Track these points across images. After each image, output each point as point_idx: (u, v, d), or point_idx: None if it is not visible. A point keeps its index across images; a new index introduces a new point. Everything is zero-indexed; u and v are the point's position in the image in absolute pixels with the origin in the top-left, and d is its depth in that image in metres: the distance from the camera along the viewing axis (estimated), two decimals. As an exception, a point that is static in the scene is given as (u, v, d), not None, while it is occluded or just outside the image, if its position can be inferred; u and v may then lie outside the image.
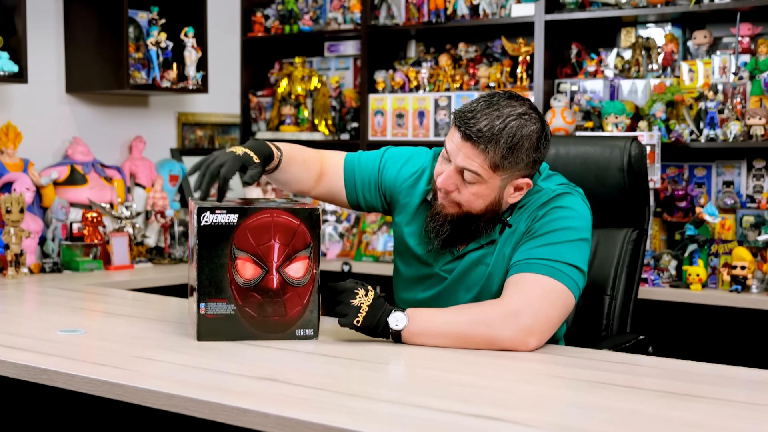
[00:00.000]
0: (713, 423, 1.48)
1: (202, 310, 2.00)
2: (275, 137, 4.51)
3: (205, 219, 1.98)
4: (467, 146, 1.97)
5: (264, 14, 4.60)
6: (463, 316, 1.95)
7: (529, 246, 2.01)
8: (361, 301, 1.95)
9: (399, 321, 1.95)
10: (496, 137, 1.94)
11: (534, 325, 1.92)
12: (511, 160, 1.97)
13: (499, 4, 4.01)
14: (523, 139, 1.96)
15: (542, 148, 2.01)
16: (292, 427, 1.47)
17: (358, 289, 1.96)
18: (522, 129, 1.96)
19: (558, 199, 2.05)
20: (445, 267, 2.14)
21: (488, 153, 1.95)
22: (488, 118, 1.95)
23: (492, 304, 1.96)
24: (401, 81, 4.28)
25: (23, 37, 3.40)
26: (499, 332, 1.91)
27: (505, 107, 1.98)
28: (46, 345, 2.02)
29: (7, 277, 3.26)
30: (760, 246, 3.44)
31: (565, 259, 1.97)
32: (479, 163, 1.97)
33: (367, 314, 1.94)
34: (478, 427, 1.44)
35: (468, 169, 1.98)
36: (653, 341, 2.47)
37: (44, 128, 3.79)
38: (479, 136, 1.95)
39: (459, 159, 1.99)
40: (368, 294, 1.96)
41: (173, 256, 3.91)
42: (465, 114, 1.98)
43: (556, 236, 1.99)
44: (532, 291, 1.94)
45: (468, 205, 2.03)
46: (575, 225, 2.01)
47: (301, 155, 2.19)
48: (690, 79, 3.70)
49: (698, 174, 3.78)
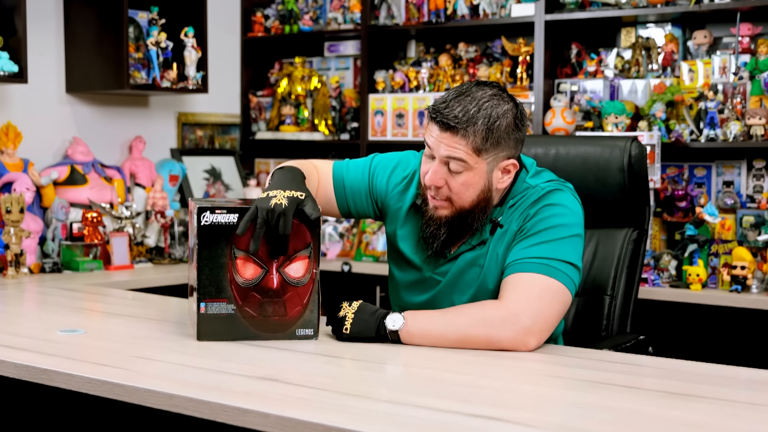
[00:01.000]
0: (713, 423, 1.48)
1: (202, 310, 2.00)
2: (275, 137, 4.52)
3: (205, 219, 1.98)
4: (447, 136, 1.99)
5: (264, 14, 4.60)
6: (462, 317, 1.96)
7: (523, 245, 2.01)
8: (345, 312, 2.00)
9: (396, 322, 1.96)
10: (473, 120, 1.97)
11: (533, 326, 1.92)
12: (492, 140, 1.99)
13: (499, 4, 4.01)
14: (500, 118, 1.99)
15: (521, 126, 2.04)
16: (292, 427, 1.47)
17: (342, 303, 2.02)
18: (496, 108, 1.99)
19: (548, 197, 2.05)
20: (438, 270, 2.15)
21: (469, 137, 1.98)
22: (461, 104, 1.99)
23: (491, 305, 1.96)
24: (401, 81, 4.28)
25: (23, 37, 3.40)
26: (498, 333, 1.91)
27: (476, 92, 2.01)
28: (46, 345, 2.02)
29: (7, 277, 3.26)
30: (760, 246, 3.44)
31: (559, 256, 1.98)
32: (463, 149, 1.98)
33: (354, 320, 1.98)
34: (478, 427, 1.44)
35: (453, 157, 1.99)
36: (653, 341, 2.47)
37: (44, 128, 3.79)
38: (456, 122, 1.97)
39: (442, 150, 2.00)
40: (352, 304, 2.01)
41: (173, 256, 3.91)
42: (438, 106, 2.01)
43: (550, 234, 2.00)
44: (531, 291, 1.94)
45: (459, 198, 2.03)
46: (567, 221, 2.02)
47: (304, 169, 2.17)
48: (690, 79, 3.70)
49: (698, 174, 3.78)
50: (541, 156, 2.52)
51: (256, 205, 1.94)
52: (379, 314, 1.98)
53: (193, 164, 4.35)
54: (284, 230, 1.93)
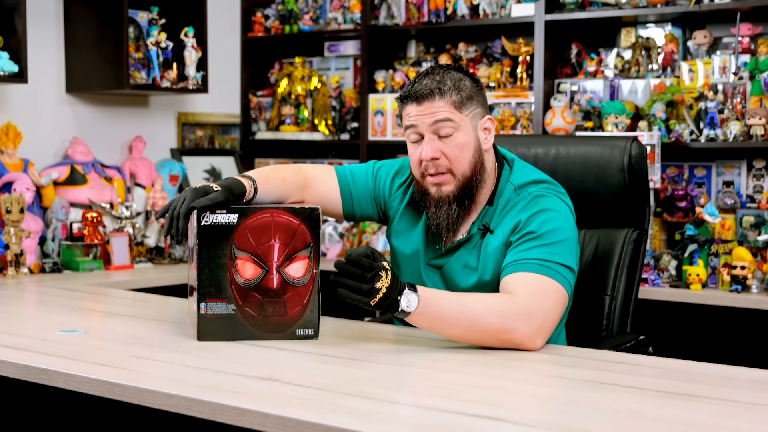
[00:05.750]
0: (713, 423, 1.48)
1: (202, 310, 2.00)
2: (275, 137, 4.52)
3: (205, 219, 1.98)
4: (426, 105, 2.08)
5: (264, 14, 4.60)
6: (478, 304, 1.92)
7: (522, 248, 2.02)
8: (383, 284, 1.86)
9: (411, 303, 1.88)
10: (443, 83, 2.08)
11: (543, 326, 1.94)
12: (465, 96, 2.09)
13: (499, 4, 4.01)
14: (462, 79, 2.11)
15: (481, 87, 2.16)
16: (292, 427, 1.47)
17: (382, 272, 1.86)
18: (455, 74, 2.11)
19: (538, 203, 2.07)
20: (432, 262, 2.18)
21: (445, 97, 2.07)
22: (426, 79, 2.10)
23: (504, 297, 1.95)
24: (401, 81, 4.28)
25: (23, 37, 3.40)
26: (512, 326, 1.90)
27: (434, 68, 2.13)
28: (46, 345, 2.02)
29: (7, 277, 3.26)
30: (760, 246, 3.44)
31: (558, 259, 1.99)
32: (445, 109, 2.07)
33: (383, 296, 1.86)
34: (478, 427, 1.44)
35: (439, 119, 2.06)
36: (653, 341, 2.47)
37: (44, 128, 3.79)
38: (430, 89, 2.07)
39: (427, 120, 2.07)
40: (388, 275, 1.87)
41: (173, 256, 3.91)
42: (407, 89, 2.11)
43: (545, 238, 2.01)
44: (538, 290, 1.95)
45: (459, 164, 2.08)
46: (559, 225, 2.04)
47: (278, 174, 2.17)
48: (690, 79, 3.70)
49: (698, 174, 3.78)
50: (542, 156, 2.52)
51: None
52: (398, 290, 1.88)
53: (193, 164, 4.35)
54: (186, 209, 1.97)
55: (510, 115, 3.94)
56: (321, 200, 2.23)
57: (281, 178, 2.16)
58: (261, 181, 2.10)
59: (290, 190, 2.18)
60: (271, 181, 2.14)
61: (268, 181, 2.12)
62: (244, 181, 2.06)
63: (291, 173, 2.20)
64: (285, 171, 2.20)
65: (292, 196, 2.18)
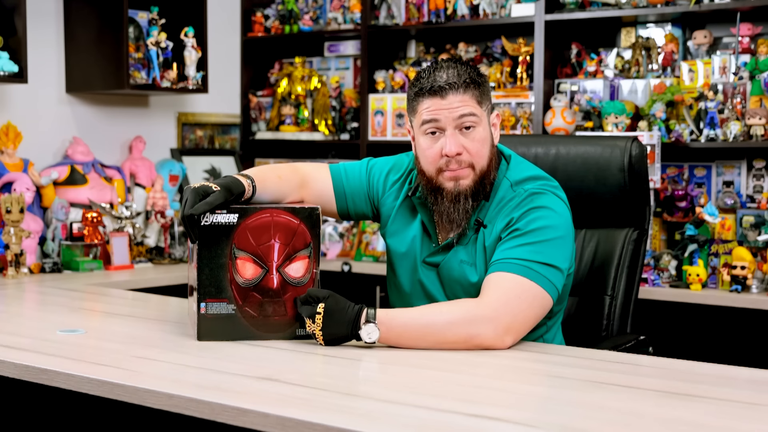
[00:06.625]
0: (713, 423, 1.48)
1: (202, 310, 2.00)
2: (275, 137, 4.52)
3: (205, 219, 1.98)
4: (450, 98, 2.04)
5: (264, 14, 4.60)
6: (441, 316, 1.95)
7: (508, 246, 2.02)
8: (312, 329, 1.94)
9: (371, 334, 1.92)
10: (461, 76, 2.05)
11: (512, 324, 1.93)
12: (482, 90, 2.08)
13: (499, 4, 4.01)
14: (480, 74, 2.09)
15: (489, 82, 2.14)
16: (292, 427, 1.47)
17: (308, 319, 1.95)
18: (470, 67, 2.09)
19: (533, 200, 2.07)
20: (428, 260, 2.18)
21: (469, 91, 2.05)
22: (441, 72, 2.06)
23: (469, 303, 1.97)
24: (401, 81, 4.28)
25: (23, 37, 3.40)
26: (476, 331, 1.91)
27: (447, 61, 2.09)
28: (46, 345, 2.02)
29: (7, 277, 3.26)
30: (760, 246, 3.44)
31: (542, 259, 1.99)
32: (470, 102, 2.05)
33: (328, 339, 1.93)
34: (477, 427, 1.44)
35: (465, 114, 2.04)
36: (653, 341, 2.47)
37: (44, 128, 3.79)
38: (452, 82, 2.04)
39: (452, 114, 2.04)
40: (316, 319, 1.93)
41: (173, 256, 3.91)
42: (424, 83, 2.06)
43: (534, 236, 2.01)
44: (511, 291, 1.96)
45: (480, 158, 2.07)
46: (552, 223, 2.03)
47: (275, 173, 2.18)
48: (690, 79, 3.70)
49: (698, 174, 3.78)
50: (542, 156, 2.52)
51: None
52: (350, 323, 1.92)
53: (193, 164, 4.35)
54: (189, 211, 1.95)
55: (510, 115, 3.95)
56: (317, 199, 2.23)
57: (278, 177, 2.17)
58: (259, 179, 2.10)
59: (288, 189, 2.18)
60: (269, 179, 2.14)
61: (265, 180, 2.12)
62: (243, 180, 2.06)
63: (288, 172, 2.21)
64: (282, 170, 2.20)
65: (289, 194, 2.18)
